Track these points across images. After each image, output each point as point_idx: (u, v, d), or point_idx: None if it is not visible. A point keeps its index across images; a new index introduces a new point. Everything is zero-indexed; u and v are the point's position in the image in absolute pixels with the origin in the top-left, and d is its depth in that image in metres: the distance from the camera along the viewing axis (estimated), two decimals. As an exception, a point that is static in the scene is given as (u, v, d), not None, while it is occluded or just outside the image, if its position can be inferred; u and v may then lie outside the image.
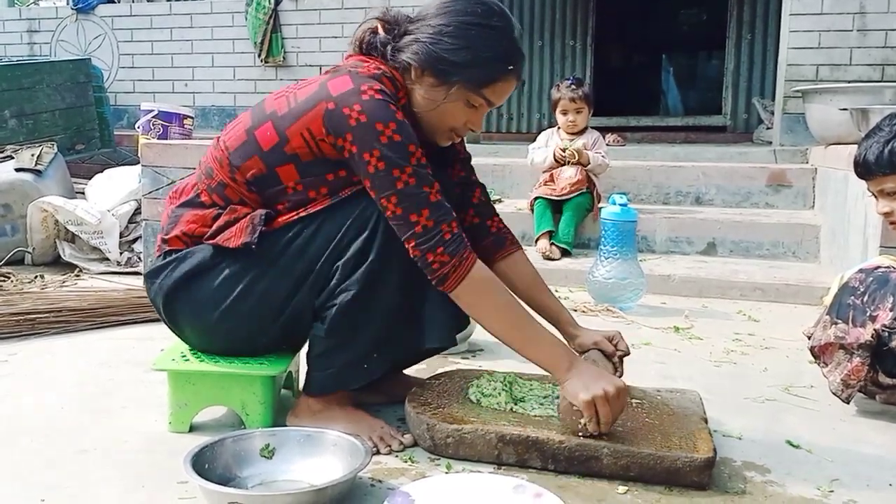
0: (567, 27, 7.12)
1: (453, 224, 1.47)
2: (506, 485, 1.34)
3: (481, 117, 1.64)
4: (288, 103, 1.55)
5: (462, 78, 1.54)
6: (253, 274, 1.55)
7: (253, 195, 1.58)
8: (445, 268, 1.46)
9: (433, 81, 1.56)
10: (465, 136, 1.69)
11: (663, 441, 1.47)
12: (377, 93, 1.48)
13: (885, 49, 4.58)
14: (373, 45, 1.61)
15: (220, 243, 1.55)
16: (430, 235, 1.45)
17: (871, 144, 1.77)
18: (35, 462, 1.52)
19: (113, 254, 3.44)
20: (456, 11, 1.54)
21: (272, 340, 1.65)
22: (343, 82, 1.51)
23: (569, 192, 3.61)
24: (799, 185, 3.89)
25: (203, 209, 1.61)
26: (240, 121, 1.63)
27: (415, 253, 1.47)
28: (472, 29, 1.53)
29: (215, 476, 1.34)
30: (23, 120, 4.86)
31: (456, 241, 1.47)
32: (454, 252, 1.46)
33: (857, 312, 1.75)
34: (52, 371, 2.10)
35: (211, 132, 6.14)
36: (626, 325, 2.68)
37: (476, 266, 1.49)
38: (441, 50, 1.53)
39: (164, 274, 1.62)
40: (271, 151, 1.54)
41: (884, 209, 1.80)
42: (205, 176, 1.64)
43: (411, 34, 1.57)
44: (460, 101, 1.57)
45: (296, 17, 6.10)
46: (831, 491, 1.44)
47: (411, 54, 1.55)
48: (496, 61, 1.55)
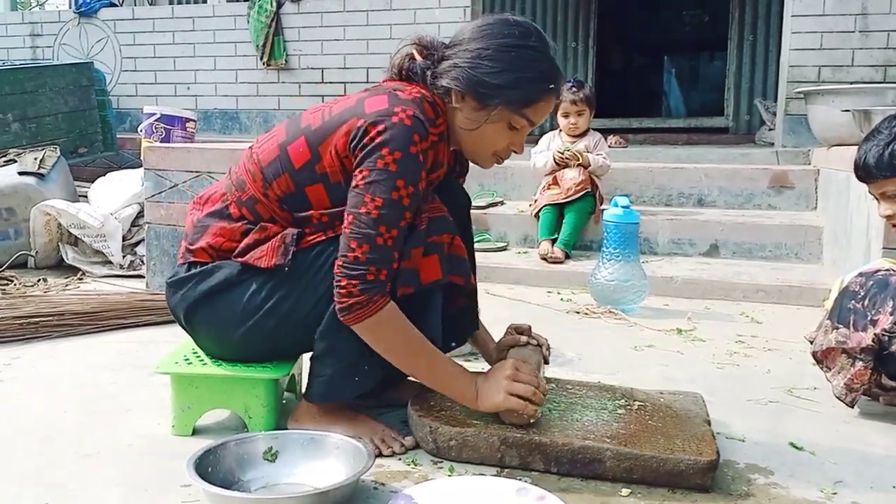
0: (569, 29, 7.13)
1: (383, 271, 1.46)
2: (509, 487, 1.34)
3: (523, 138, 1.64)
4: (322, 117, 1.55)
5: (503, 100, 1.54)
6: (281, 293, 1.55)
7: (284, 213, 1.57)
8: (352, 299, 1.44)
9: (475, 105, 1.55)
10: (507, 157, 1.68)
11: (666, 443, 1.47)
12: (408, 118, 1.46)
13: (887, 50, 4.58)
14: (412, 71, 1.61)
15: (251, 262, 1.55)
16: (355, 266, 1.44)
17: (871, 147, 1.76)
18: (38, 465, 1.52)
19: (116, 257, 3.45)
20: (493, 34, 1.55)
21: (288, 349, 1.67)
22: (380, 101, 1.50)
23: (574, 193, 3.61)
24: (801, 187, 3.89)
25: (231, 222, 1.61)
26: (274, 133, 1.63)
27: (336, 270, 1.46)
28: (512, 51, 1.53)
29: (218, 479, 1.34)
30: (26, 123, 4.87)
31: (374, 284, 1.45)
32: (366, 291, 1.44)
33: (857, 317, 1.74)
34: (55, 374, 2.10)
35: (213, 135, 6.16)
36: (628, 327, 2.68)
37: (383, 311, 1.47)
38: (481, 73, 1.53)
39: (189, 286, 1.62)
40: (302, 169, 1.54)
41: (886, 212, 1.79)
42: (235, 188, 1.63)
43: (449, 59, 1.57)
44: (502, 122, 1.57)
45: (298, 20, 6.11)
46: (835, 493, 1.44)
47: (451, 79, 1.55)
48: (537, 81, 1.55)
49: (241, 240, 1.58)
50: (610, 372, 2.14)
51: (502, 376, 1.53)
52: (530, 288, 3.26)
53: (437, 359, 1.56)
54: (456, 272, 1.65)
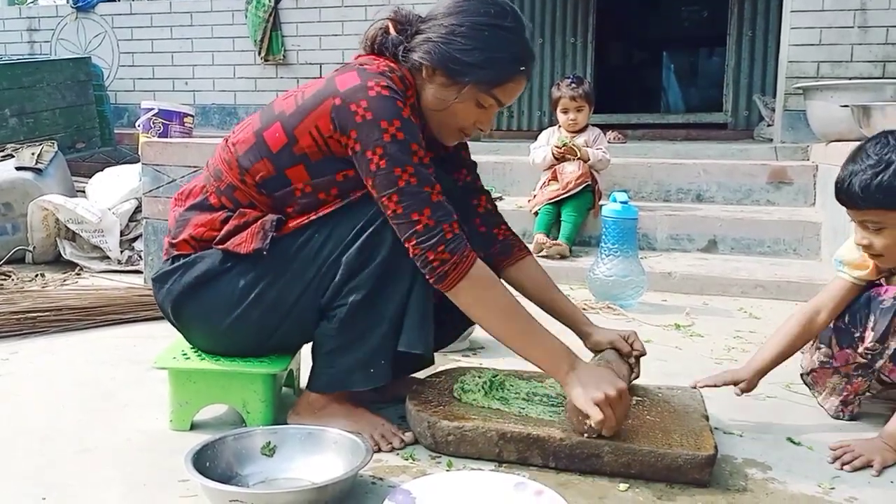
0: (568, 24, 7.11)
1: (454, 224, 1.47)
2: (507, 482, 1.34)
3: (491, 117, 1.64)
4: (296, 102, 1.55)
5: (474, 78, 1.53)
6: (265, 281, 1.55)
7: (263, 197, 1.57)
8: (446, 265, 1.45)
9: (445, 81, 1.55)
10: (472, 135, 1.68)
11: (664, 438, 1.47)
12: (384, 89, 1.47)
13: (886, 46, 4.57)
14: (384, 45, 1.61)
15: (231, 249, 1.55)
16: (431, 234, 1.44)
17: (857, 171, 1.57)
18: (36, 461, 1.52)
19: (113, 252, 3.45)
20: (468, 11, 1.54)
21: (279, 341, 1.65)
22: (350, 78, 1.50)
23: (574, 187, 3.60)
24: (800, 183, 3.89)
25: (212, 212, 1.61)
26: (249, 122, 1.63)
27: (415, 252, 1.46)
28: (486, 29, 1.53)
29: (216, 474, 1.34)
30: (23, 119, 4.86)
31: (457, 239, 1.46)
32: (454, 250, 1.45)
33: (841, 335, 1.70)
34: (53, 370, 2.10)
35: (211, 130, 6.15)
36: (626, 322, 2.68)
37: (476, 265, 1.48)
38: (454, 50, 1.53)
39: (173, 279, 1.61)
40: (280, 153, 1.54)
41: (862, 241, 1.63)
42: (213, 178, 1.63)
43: (423, 33, 1.57)
44: (471, 100, 1.57)
45: (296, 15, 6.10)
46: (832, 488, 1.44)
47: (423, 53, 1.55)
48: (508, 62, 1.55)
49: (222, 227, 1.58)
50: (608, 367, 2.14)
51: (608, 385, 1.43)
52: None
53: (533, 321, 1.53)
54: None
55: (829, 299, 1.75)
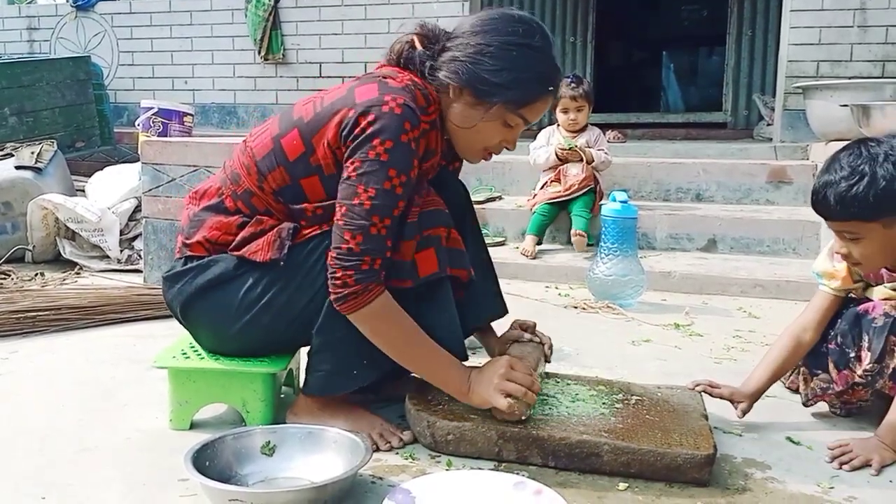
0: (567, 24, 7.11)
1: (378, 261, 1.46)
2: (506, 481, 1.34)
3: (517, 136, 1.64)
4: (314, 109, 1.54)
5: (502, 99, 1.53)
6: (276, 288, 1.55)
7: (280, 206, 1.57)
8: (346, 290, 1.45)
9: (472, 101, 1.55)
10: (498, 153, 1.67)
11: (664, 438, 1.47)
12: (398, 107, 1.46)
13: (885, 45, 4.57)
14: (410, 59, 1.60)
15: (247, 256, 1.55)
16: (350, 258, 1.44)
17: (832, 183, 1.55)
18: (35, 460, 1.52)
19: (113, 251, 3.44)
20: (497, 31, 1.53)
21: (284, 344, 1.66)
22: (370, 90, 1.50)
23: (577, 190, 3.60)
24: (799, 182, 3.88)
25: (227, 216, 1.60)
26: (267, 126, 1.62)
27: (330, 262, 1.46)
28: (514, 49, 1.52)
29: (216, 473, 1.34)
30: (23, 118, 4.86)
31: (369, 274, 1.45)
32: (361, 280, 1.44)
33: (837, 357, 1.68)
34: (53, 369, 2.10)
35: (211, 129, 6.15)
36: (626, 321, 2.68)
37: (378, 300, 1.47)
38: (482, 70, 1.51)
39: (185, 280, 1.61)
40: (296, 162, 1.54)
41: (841, 250, 1.63)
42: (230, 181, 1.62)
43: (449, 51, 1.56)
44: (498, 120, 1.56)
45: (295, 13, 6.09)
46: (832, 487, 1.44)
47: (450, 73, 1.54)
48: (536, 82, 1.54)
49: (237, 233, 1.58)
50: (607, 366, 2.14)
51: (495, 374, 1.52)
52: (528, 282, 3.26)
53: (431, 350, 1.55)
54: (456, 265, 1.65)
55: (812, 315, 1.76)
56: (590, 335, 2.49)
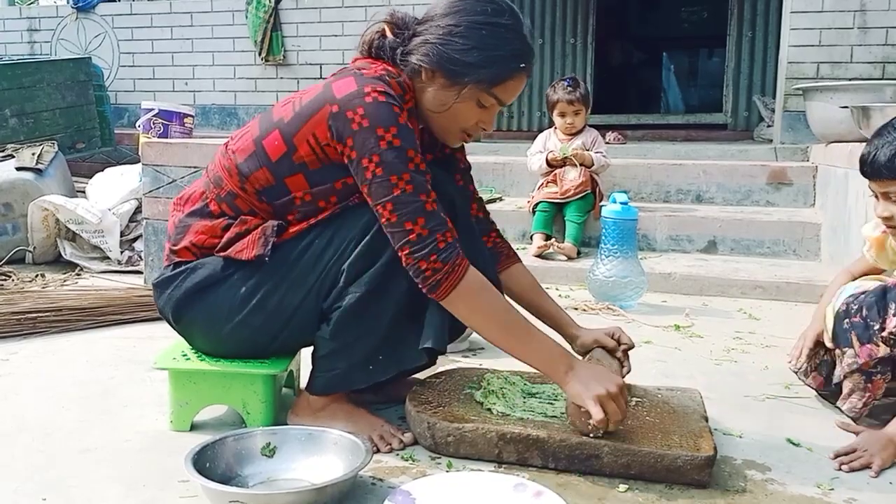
0: (567, 25, 7.11)
1: (447, 234, 1.46)
2: (506, 483, 1.34)
3: (493, 116, 1.63)
4: (293, 109, 1.54)
5: (474, 78, 1.52)
6: (266, 287, 1.55)
7: (264, 205, 1.57)
8: (438, 275, 1.44)
9: (444, 82, 1.54)
10: (475, 135, 1.67)
11: (664, 439, 1.47)
12: (381, 94, 1.46)
13: (885, 47, 4.57)
14: (381, 48, 1.60)
15: (233, 256, 1.55)
16: (424, 243, 1.44)
17: (883, 144, 1.66)
18: (36, 461, 1.52)
19: (114, 253, 3.45)
20: (465, 11, 1.53)
21: (280, 345, 1.65)
22: (347, 84, 1.50)
23: (573, 195, 3.60)
24: (800, 183, 3.89)
25: (212, 219, 1.61)
26: (248, 129, 1.62)
27: (408, 261, 1.46)
28: (483, 28, 1.52)
29: (216, 475, 1.35)
30: (23, 119, 4.86)
31: (449, 248, 1.45)
32: (447, 259, 1.44)
33: (860, 330, 1.69)
34: (53, 370, 2.10)
35: (211, 131, 6.15)
36: (626, 323, 2.68)
37: (469, 273, 1.47)
38: (452, 51, 1.52)
39: (174, 285, 1.61)
40: (279, 162, 1.53)
41: (884, 213, 1.71)
42: (213, 185, 1.62)
43: (420, 35, 1.56)
44: (472, 100, 1.56)
45: (296, 15, 6.10)
46: (832, 489, 1.44)
47: (421, 56, 1.54)
48: (507, 60, 1.54)
49: (223, 235, 1.58)
50: (608, 368, 2.14)
51: (607, 382, 1.45)
52: (528, 284, 3.25)
53: (529, 325, 1.53)
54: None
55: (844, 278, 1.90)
56: (590, 337, 2.49)
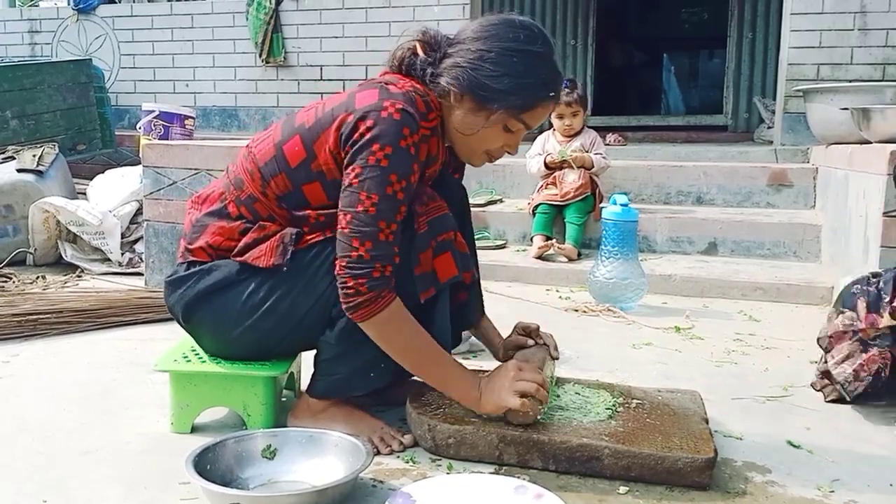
0: (568, 26, 7.12)
1: (387, 267, 1.46)
2: (507, 485, 1.34)
3: (518, 140, 1.63)
4: (316, 115, 1.55)
5: (503, 105, 1.52)
6: (278, 293, 1.55)
7: (283, 211, 1.58)
8: (360, 297, 1.44)
9: (473, 106, 1.54)
10: (499, 157, 1.67)
11: (664, 441, 1.47)
12: (397, 112, 1.45)
13: (885, 48, 4.57)
14: (412, 66, 1.60)
15: (250, 262, 1.55)
16: (361, 265, 1.44)
17: None
18: (37, 462, 1.52)
19: (114, 254, 3.45)
20: (497, 37, 1.53)
21: (286, 349, 1.66)
22: (370, 95, 1.50)
23: (573, 197, 3.60)
24: (800, 185, 3.89)
25: (230, 221, 1.61)
26: (270, 132, 1.63)
27: (339, 272, 1.46)
28: (515, 55, 1.52)
29: (217, 477, 1.35)
30: (24, 120, 4.86)
31: (381, 281, 1.45)
32: (373, 287, 1.44)
33: (873, 298, 1.67)
34: (54, 372, 2.10)
35: (212, 132, 6.15)
36: (626, 325, 2.68)
37: (390, 307, 1.47)
38: (482, 76, 1.51)
39: (188, 285, 1.61)
40: (298, 169, 1.54)
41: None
42: (233, 186, 1.63)
43: (451, 57, 1.55)
44: (499, 125, 1.56)
45: (297, 17, 6.10)
46: (832, 491, 1.44)
47: (451, 79, 1.53)
48: (537, 88, 1.54)
49: (240, 239, 1.58)
50: (608, 370, 2.14)
51: (506, 377, 1.53)
52: (529, 286, 3.26)
53: (442, 357, 1.55)
54: (464, 268, 1.65)
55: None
56: (590, 338, 2.50)
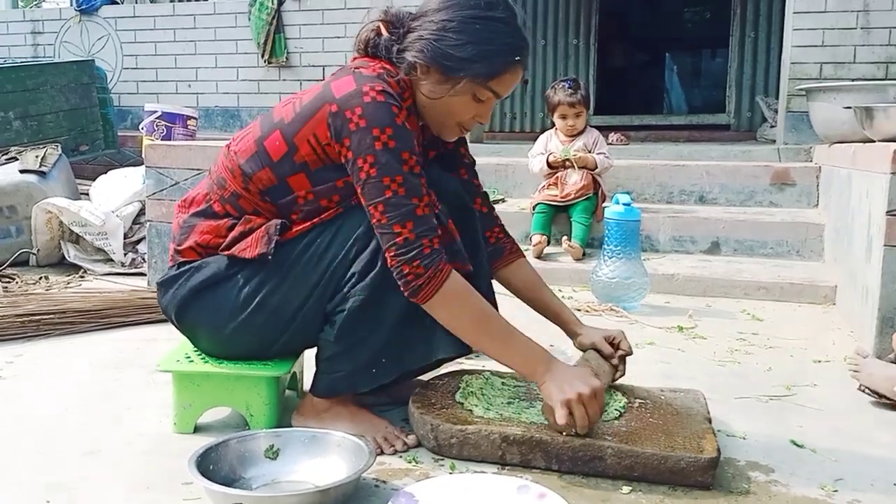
0: (570, 26, 7.12)
1: (434, 239, 1.46)
2: (510, 485, 1.34)
3: (489, 110, 1.63)
4: (294, 109, 1.55)
5: (469, 73, 1.52)
6: (269, 286, 1.55)
7: (267, 205, 1.58)
8: (420, 280, 1.44)
9: (439, 77, 1.54)
10: (472, 128, 1.67)
11: (667, 441, 1.47)
12: (379, 94, 1.47)
13: (888, 47, 4.56)
14: (377, 47, 1.61)
15: (237, 254, 1.55)
16: (410, 247, 1.44)
17: None
18: (40, 463, 1.53)
19: (117, 255, 3.45)
20: (458, 5, 1.53)
21: (283, 346, 1.65)
22: (346, 83, 1.50)
23: (574, 198, 3.59)
24: (803, 184, 3.88)
25: (216, 219, 1.61)
26: (249, 130, 1.63)
27: (392, 263, 1.46)
28: (477, 22, 1.52)
29: (220, 477, 1.35)
30: (27, 121, 4.87)
31: (434, 254, 1.45)
32: (429, 265, 1.44)
33: None
34: (57, 372, 2.11)
35: (214, 133, 6.15)
36: (629, 324, 2.68)
37: (450, 279, 1.47)
38: (446, 46, 1.51)
39: (178, 283, 1.62)
40: (281, 162, 1.54)
41: None
42: (217, 186, 1.63)
43: (414, 31, 1.56)
44: (467, 95, 1.56)
45: (299, 17, 6.11)
46: (835, 490, 1.44)
47: (416, 52, 1.54)
48: (502, 54, 1.54)
49: (228, 235, 1.59)
50: (611, 369, 2.14)
51: (580, 385, 1.46)
52: (531, 285, 3.25)
53: (508, 327, 1.53)
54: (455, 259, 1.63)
55: None
56: (593, 338, 2.49)
